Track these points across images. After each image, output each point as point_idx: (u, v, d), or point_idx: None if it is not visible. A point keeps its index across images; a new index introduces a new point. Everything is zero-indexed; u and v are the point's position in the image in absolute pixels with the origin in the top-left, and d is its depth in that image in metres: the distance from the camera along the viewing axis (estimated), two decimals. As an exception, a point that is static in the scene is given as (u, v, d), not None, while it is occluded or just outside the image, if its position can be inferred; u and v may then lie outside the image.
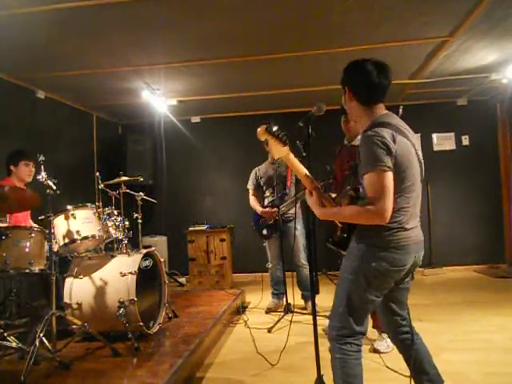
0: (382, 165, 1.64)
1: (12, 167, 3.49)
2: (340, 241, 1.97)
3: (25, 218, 3.56)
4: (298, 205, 3.83)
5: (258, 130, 1.85)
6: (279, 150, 1.86)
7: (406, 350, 1.96)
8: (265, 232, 4.32)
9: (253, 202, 4.46)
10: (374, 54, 4.40)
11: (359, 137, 3.27)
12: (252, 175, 4.54)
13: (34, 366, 2.40)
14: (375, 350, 3.00)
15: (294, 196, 4.19)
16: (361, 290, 1.79)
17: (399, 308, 1.96)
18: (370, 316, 1.97)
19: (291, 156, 1.90)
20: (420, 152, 1.86)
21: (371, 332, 3.16)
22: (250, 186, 4.53)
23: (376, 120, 1.79)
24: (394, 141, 1.68)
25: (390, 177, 1.66)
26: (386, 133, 1.69)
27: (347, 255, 1.87)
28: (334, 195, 2.63)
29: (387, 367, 2.72)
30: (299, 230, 4.13)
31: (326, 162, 3.53)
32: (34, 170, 3.52)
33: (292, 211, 4.20)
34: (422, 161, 1.87)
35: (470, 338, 3.23)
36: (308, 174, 1.91)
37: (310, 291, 2.22)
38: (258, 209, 4.35)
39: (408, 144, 1.76)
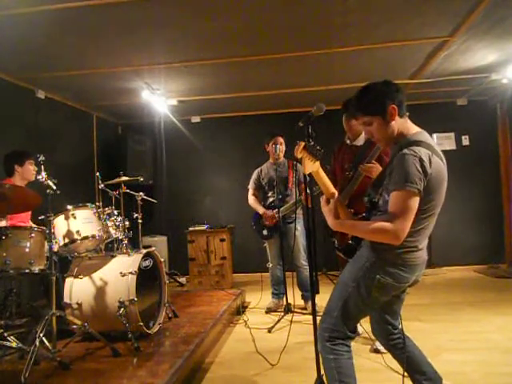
0: (414, 187, 1.62)
1: (17, 167, 3.46)
2: (348, 248, 1.96)
3: (25, 220, 3.56)
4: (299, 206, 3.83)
5: (296, 147, 1.80)
6: (311, 166, 1.83)
7: (398, 354, 1.99)
8: (265, 232, 4.32)
9: (253, 201, 4.46)
10: (374, 54, 4.45)
11: (361, 137, 3.28)
12: (254, 175, 4.53)
13: (34, 366, 2.40)
14: (375, 350, 2.99)
15: (295, 198, 4.19)
16: (359, 299, 1.80)
17: (392, 318, 2.00)
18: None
19: (321, 171, 1.87)
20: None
21: (371, 332, 3.16)
22: (251, 185, 4.53)
23: (412, 138, 1.76)
24: (431, 163, 1.66)
25: (416, 200, 1.64)
26: (424, 154, 1.66)
27: (353, 262, 1.86)
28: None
29: (390, 367, 2.71)
30: (299, 231, 4.13)
31: (326, 161, 3.53)
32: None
33: (292, 215, 4.19)
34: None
35: (470, 338, 3.22)
36: (332, 186, 1.88)
37: (310, 291, 2.22)
38: (260, 209, 4.35)
39: (442, 166, 1.74)
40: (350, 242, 1.94)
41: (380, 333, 2.05)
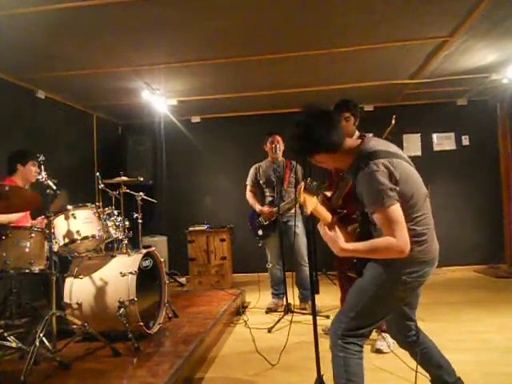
0: (390, 201, 1.65)
1: (20, 166, 3.44)
2: (357, 266, 1.92)
3: (23, 220, 3.56)
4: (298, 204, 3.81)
5: (300, 193, 1.80)
6: (312, 203, 1.81)
7: (416, 352, 1.98)
8: (260, 232, 4.32)
9: (251, 198, 4.46)
10: (374, 54, 4.45)
11: (354, 136, 3.27)
12: (252, 172, 4.53)
13: (34, 365, 2.40)
14: (377, 351, 2.99)
15: (291, 197, 4.19)
16: (381, 302, 1.80)
17: (412, 313, 2.00)
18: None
19: (319, 205, 1.86)
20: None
21: (388, 332, 3.15)
22: (249, 182, 4.52)
23: (364, 150, 1.77)
24: (394, 168, 1.69)
25: (398, 209, 1.66)
26: (383, 164, 1.68)
27: (374, 266, 1.82)
28: (328, 194, 2.62)
29: (392, 367, 2.72)
30: (300, 228, 4.13)
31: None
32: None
33: (291, 211, 4.19)
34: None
35: (469, 338, 3.22)
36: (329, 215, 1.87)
37: (310, 291, 2.23)
38: (257, 206, 4.35)
39: (403, 163, 1.77)
40: (354, 260, 1.92)
41: (399, 332, 2.04)
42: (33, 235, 2.90)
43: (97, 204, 3.30)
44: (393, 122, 2.99)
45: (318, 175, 2.86)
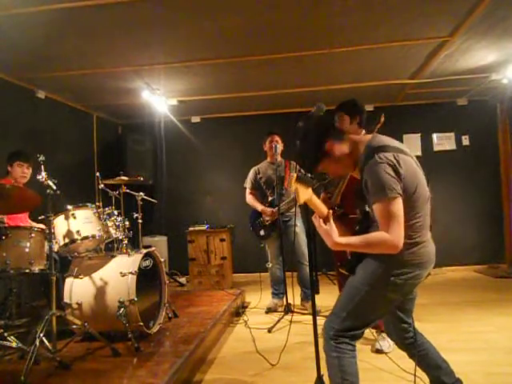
0: (392, 193, 1.64)
1: (8, 167, 3.51)
2: (351, 264, 1.91)
3: (23, 220, 3.56)
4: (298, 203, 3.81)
5: (289, 180, 1.82)
6: (305, 194, 1.80)
7: (414, 353, 1.99)
8: (262, 233, 4.31)
9: (251, 200, 4.45)
10: (374, 54, 4.45)
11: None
12: (251, 174, 4.52)
13: (34, 365, 2.40)
14: (378, 351, 2.99)
15: (291, 196, 4.19)
16: (373, 301, 1.80)
17: (407, 316, 1.99)
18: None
19: (313, 196, 1.84)
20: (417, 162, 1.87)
21: (371, 332, 3.16)
22: (248, 184, 4.51)
23: (372, 144, 1.78)
24: (399, 163, 1.69)
25: (399, 204, 1.65)
26: (390, 157, 1.68)
27: (365, 267, 1.82)
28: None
29: (402, 363, 2.71)
30: (299, 227, 4.13)
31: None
32: (29, 171, 3.52)
33: (291, 210, 4.19)
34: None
35: (470, 338, 3.22)
36: (325, 208, 1.85)
37: (311, 291, 2.23)
38: (258, 206, 4.34)
39: (410, 160, 1.78)
40: (349, 257, 1.91)
41: (396, 333, 2.04)
42: (33, 235, 2.90)
43: (97, 204, 3.30)
44: (382, 119, 3.00)
45: (318, 175, 2.87)
